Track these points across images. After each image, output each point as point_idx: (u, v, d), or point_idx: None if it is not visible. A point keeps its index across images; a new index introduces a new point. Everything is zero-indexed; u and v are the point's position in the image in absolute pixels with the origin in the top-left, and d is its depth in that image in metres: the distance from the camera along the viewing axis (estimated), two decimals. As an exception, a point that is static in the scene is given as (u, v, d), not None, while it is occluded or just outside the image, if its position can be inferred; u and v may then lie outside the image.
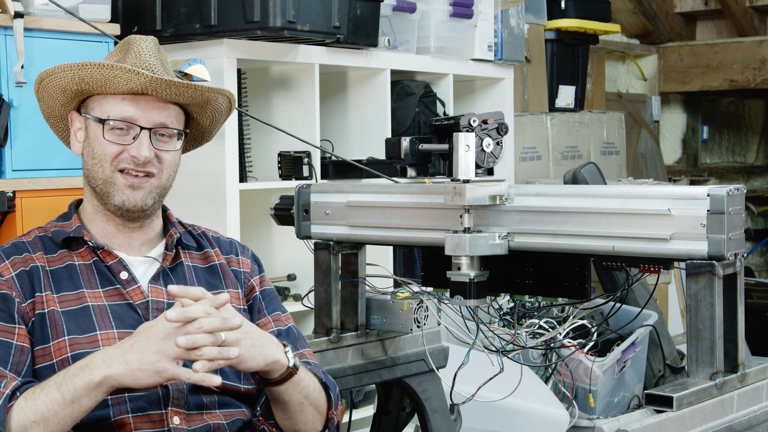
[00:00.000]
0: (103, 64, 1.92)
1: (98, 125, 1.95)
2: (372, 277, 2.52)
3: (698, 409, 1.87)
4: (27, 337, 1.86)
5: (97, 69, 1.92)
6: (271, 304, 2.12)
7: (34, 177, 2.84)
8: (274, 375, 1.86)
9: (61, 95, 2.00)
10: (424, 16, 4.07)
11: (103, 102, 1.96)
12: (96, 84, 1.94)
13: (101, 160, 1.95)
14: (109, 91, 1.95)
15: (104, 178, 1.96)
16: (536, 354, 3.47)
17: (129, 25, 3.42)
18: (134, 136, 1.94)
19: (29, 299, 1.89)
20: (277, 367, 1.85)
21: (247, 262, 2.13)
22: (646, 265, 2.01)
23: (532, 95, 5.19)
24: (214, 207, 3.37)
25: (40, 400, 1.73)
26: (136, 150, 1.94)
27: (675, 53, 6.87)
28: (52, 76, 1.97)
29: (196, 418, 1.90)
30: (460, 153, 2.07)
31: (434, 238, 2.22)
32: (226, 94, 2.05)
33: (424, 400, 2.61)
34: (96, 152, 1.96)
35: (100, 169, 1.96)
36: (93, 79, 1.93)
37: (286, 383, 1.88)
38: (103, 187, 1.96)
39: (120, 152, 1.94)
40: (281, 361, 1.86)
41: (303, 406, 1.93)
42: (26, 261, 1.93)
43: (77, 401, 1.73)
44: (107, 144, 1.94)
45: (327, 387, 2.01)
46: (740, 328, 1.98)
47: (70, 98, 2.00)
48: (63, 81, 1.96)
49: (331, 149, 3.87)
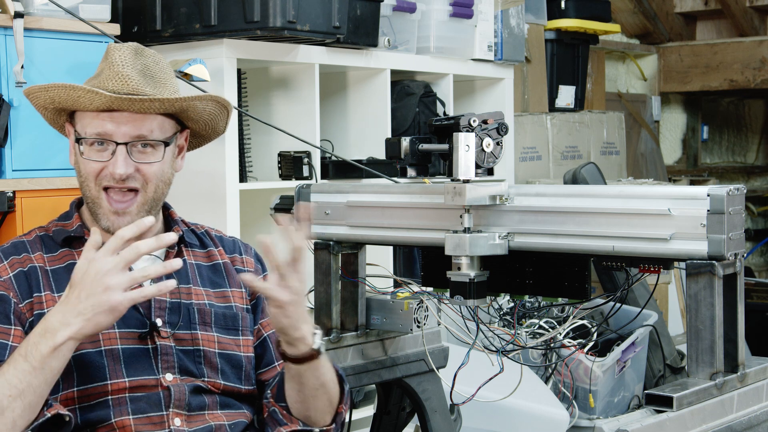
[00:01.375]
0: (66, 86, 1.90)
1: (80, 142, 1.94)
2: (372, 277, 2.52)
3: (698, 409, 1.87)
4: (22, 339, 1.85)
5: (62, 90, 1.91)
6: None
7: (34, 177, 2.84)
8: (296, 352, 1.86)
9: (44, 112, 2.02)
10: (424, 16, 4.07)
11: (83, 118, 1.95)
12: (68, 103, 1.94)
13: (86, 178, 1.94)
14: (82, 108, 1.93)
15: (92, 198, 1.94)
16: (536, 354, 3.48)
17: (129, 25, 3.42)
18: (112, 151, 1.91)
19: (27, 300, 1.88)
20: (302, 346, 1.85)
21: (251, 261, 2.13)
22: (646, 265, 2.01)
23: (532, 95, 5.20)
24: (214, 207, 3.37)
25: (11, 374, 1.72)
26: (112, 167, 1.91)
27: (675, 53, 6.87)
28: (30, 96, 1.98)
29: (198, 419, 1.90)
30: (460, 153, 2.07)
31: (434, 238, 2.22)
32: (204, 98, 2.00)
33: (424, 400, 2.61)
34: (81, 170, 1.95)
35: (87, 188, 1.95)
36: (62, 99, 1.93)
37: (306, 364, 1.88)
38: (92, 206, 1.95)
39: (101, 169, 1.92)
40: (307, 340, 1.85)
41: (317, 392, 1.93)
42: (24, 261, 1.93)
43: (46, 365, 1.72)
44: (87, 162, 1.93)
45: (342, 381, 2.01)
46: (740, 328, 1.98)
47: (55, 115, 2.01)
48: (39, 101, 1.98)
49: (331, 149, 3.87)
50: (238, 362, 1.99)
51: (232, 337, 1.99)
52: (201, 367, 1.93)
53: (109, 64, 1.95)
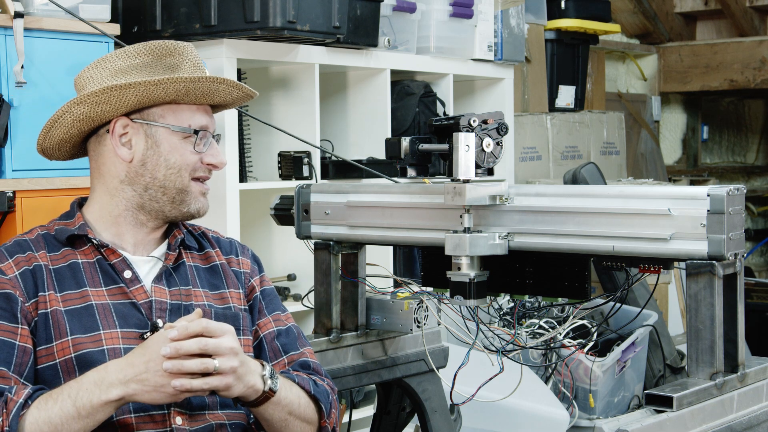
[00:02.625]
0: (214, 78, 1.97)
1: (176, 134, 1.97)
2: (372, 277, 2.52)
3: (698, 409, 1.87)
4: (29, 338, 1.86)
5: (206, 83, 1.96)
6: (271, 304, 2.12)
7: (34, 177, 2.84)
8: (250, 399, 1.86)
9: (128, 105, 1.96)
10: (424, 16, 4.07)
11: (177, 111, 1.98)
12: (195, 95, 1.97)
13: (180, 169, 1.97)
14: (186, 101, 1.98)
15: (181, 187, 1.98)
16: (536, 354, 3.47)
17: (129, 25, 3.42)
18: (205, 143, 2.00)
19: (33, 298, 1.89)
20: (252, 393, 1.85)
21: (247, 262, 2.13)
22: (646, 265, 2.01)
23: (532, 95, 5.20)
24: (214, 207, 3.35)
25: (54, 413, 1.74)
26: (215, 158, 2.00)
27: (675, 53, 6.88)
28: (154, 86, 1.93)
29: (199, 418, 1.90)
30: (460, 153, 2.07)
31: (434, 238, 2.22)
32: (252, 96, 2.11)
33: (424, 400, 2.61)
34: (174, 162, 1.97)
35: (179, 178, 1.98)
36: (199, 91, 1.97)
37: (263, 405, 1.88)
38: (177, 195, 1.98)
39: (198, 161, 1.99)
40: (256, 386, 1.85)
41: (287, 422, 1.93)
42: (30, 259, 1.93)
43: (92, 416, 1.75)
44: (190, 154, 1.98)
45: (317, 399, 1.99)
46: (740, 328, 1.98)
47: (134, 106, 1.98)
48: (160, 91, 1.94)
49: (331, 149, 3.87)
50: (239, 361, 1.99)
51: (233, 338, 1.99)
52: (201, 367, 1.93)
53: (191, 62, 2.02)
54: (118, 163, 1.99)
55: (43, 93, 2.85)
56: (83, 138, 2.03)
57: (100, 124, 1.99)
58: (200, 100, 2.00)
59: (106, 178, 2.00)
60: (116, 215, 2.00)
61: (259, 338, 2.07)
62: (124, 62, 1.99)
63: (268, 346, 2.06)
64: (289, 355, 2.07)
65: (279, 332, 2.08)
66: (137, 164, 1.97)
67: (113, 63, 1.99)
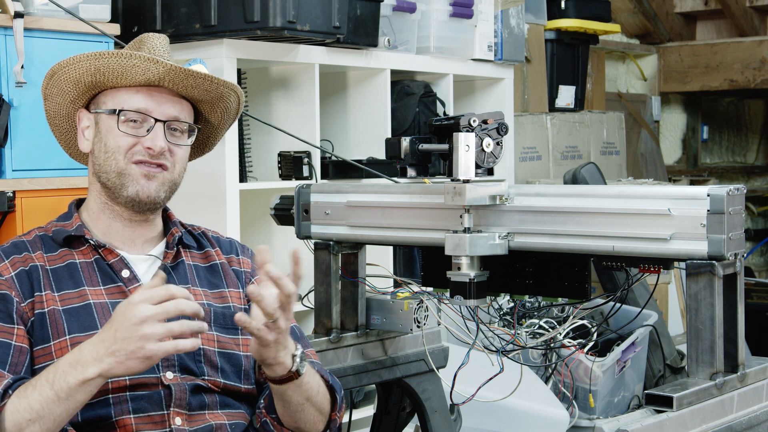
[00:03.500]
0: (121, 53, 1.93)
1: (112, 117, 1.96)
2: (372, 277, 2.52)
3: (698, 409, 1.87)
4: (26, 338, 1.86)
5: (114, 58, 1.92)
6: None
7: (34, 177, 2.84)
8: (276, 374, 1.87)
9: (73, 89, 1.99)
10: (424, 16, 4.07)
11: (116, 95, 1.97)
12: (112, 75, 1.94)
13: (114, 152, 1.96)
14: (124, 83, 1.95)
15: (118, 170, 1.96)
16: (536, 354, 3.47)
17: (129, 25, 3.42)
18: (148, 128, 1.95)
19: (28, 299, 1.89)
20: (280, 369, 1.86)
21: (247, 261, 2.14)
22: (646, 265, 2.01)
23: (532, 95, 5.20)
24: (214, 207, 3.37)
25: (34, 399, 1.73)
26: (151, 141, 1.94)
27: (675, 53, 6.88)
28: (66, 68, 1.96)
29: (199, 419, 1.90)
30: (460, 153, 2.07)
31: (434, 238, 2.22)
32: (237, 91, 2.07)
33: (424, 400, 2.61)
34: (109, 145, 1.96)
35: (114, 161, 1.96)
36: (109, 69, 1.93)
37: (286, 384, 1.88)
38: (116, 179, 1.96)
39: (134, 144, 1.95)
40: (285, 364, 1.86)
41: (304, 407, 1.94)
42: (26, 260, 1.93)
43: (71, 397, 1.72)
44: (121, 136, 1.95)
45: (333, 389, 2.02)
46: (740, 328, 1.98)
47: (82, 93, 2.00)
48: (77, 72, 1.95)
49: (331, 149, 3.87)
50: (238, 361, 1.99)
51: (232, 336, 2.00)
52: (201, 366, 1.93)
53: (150, 48, 1.99)
54: (88, 157, 2.03)
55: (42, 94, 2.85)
56: None
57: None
58: (136, 80, 1.94)
59: (88, 174, 2.04)
60: (96, 211, 2.01)
61: None
62: None
63: None
64: None
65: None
66: (94, 154, 2.00)
67: None
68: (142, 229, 2.02)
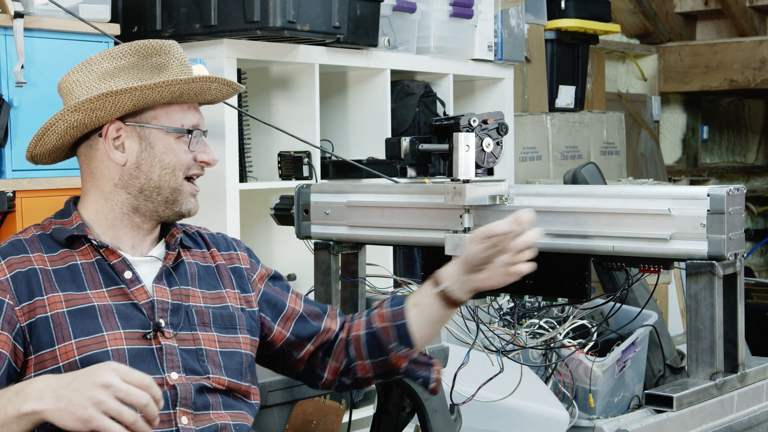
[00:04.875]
0: (207, 78, 1.98)
1: (170, 135, 1.96)
2: (372, 277, 2.52)
3: (698, 409, 1.87)
4: (8, 344, 1.82)
5: (199, 83, 1.97)
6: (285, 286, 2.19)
7: (34, 177, 2.84)
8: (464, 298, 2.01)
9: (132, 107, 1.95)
10: (424, 16, 4.07)
11: (170, 112, 1.98)
12: (187, 96, 1.98)
13: (175, 169, 1.98)
14: (194, 101, 2.01)
15: (174, 187, 1.98)
16: (536, 354, 3.47)
17: (129, 25, 3.42)
18: (198, 141, 2.00)
19: (25, 302, 1.86)
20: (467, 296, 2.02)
21: (245, 257, 2.15)
22: (646, 265, 2.01)
23: (532, 95, 5.19)
24: (214, 207, 3.37)
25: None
26: (208, 155, 2.01)
27: (675, 53, 6.88)
28: (150, 90, 1.92)
29: (204, 418, 1.90)
30: (460, 153, 2.07)
31: (434, 238, 2.22)
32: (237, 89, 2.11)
33: (424, 400, 2.60)
34: (169, 162, 1.97)
35: (173, 178, 1.98)
36: (192, 91, 1.97)
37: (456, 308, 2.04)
38: (170, 195, 1.99)
39: (191, 159, 2.00)
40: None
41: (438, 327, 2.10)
42: (24, 262, 1.90)
43: (7, 426, 1.67)
44: (184, 153, 1.98)
45: None
46: (740, 328, 1.98)
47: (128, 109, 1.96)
48: (155, 95, 1.93)
49: (331, 149, 3.87)
50: (239, 359, 1.99)
51: (231, 336, 2.00)
52: (205, 365, 1.93)
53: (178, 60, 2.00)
54: (111, 167, 1.97)
55: (43, 93, 2.85)
56: (74, 143, 2.02)
57: (92, 130, 1.98)
58: (192, 99, 2.00)
59: (100, 181, 1.99)
60: (112, 218, 1.99)
61: (299, 314, 2.13)
62: (110, 64, 1.98)
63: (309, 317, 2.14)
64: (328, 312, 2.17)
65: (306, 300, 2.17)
66: (131, 167, 1.96)
67: (99, 65, 1.98)
68: (150, 234, 2.03)
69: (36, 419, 1.65)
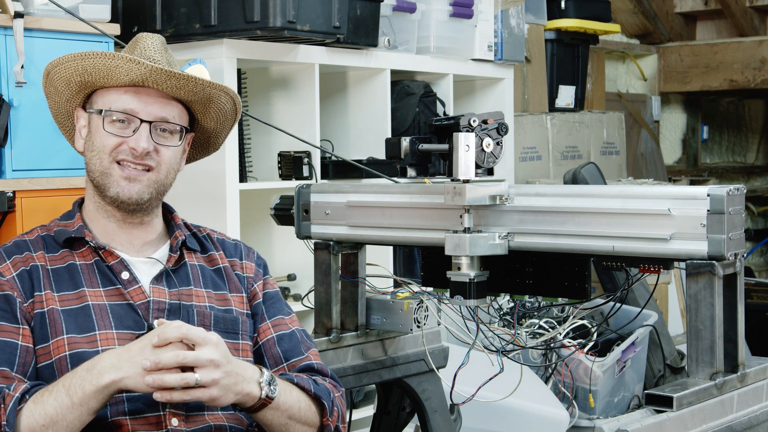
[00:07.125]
0: (105, 53, 1.94)
1: (99, 117, 1.97)
2: (372, 277, 2.52)
3: (698, 409, 1.87)
4: (30, 338, 1.86)
5: (99, 59, 1.93)
6: (273, 308, 2.10)
7: (34, 177, 2.84)
8: (246, 405, 1.85)
9: (66, 89, 2.01)
10: (424, 16, 4.07)
11: (105, 95, 1.98)
12: (98, 75, 1.95)
13: (99, 151, 1.96)
14: (111, 83, 1.96)
15: (101, 170, 1.96)
16: (536, 354, 3.47)
17: (129, 25, 3.42)
18: (134, 128, 1.95)
19: (29, 299, 1.89)
20: (248, 400, 1.84)
21: (251, 266, 2.12)
22: (646, 265, 2.01)
23: (532, 95, 5.20)
24: (214, 207, 3.37)
25: (49, 404, 1.74)
26: (135, 141, 1.94)
27: (675, 53, 6.87)
28: (57, 67, 1.99)
29: (197, 419, 1.89)
30: (460, 153, 2.07)
31: (434, 238, 2.22)
32: (229, 92, 2.05)
33: (424, 400, 2.61)
34: (95, 144, 1.97)
35: (99, 160, 1.97)
36: (95, 69, 1.94)
37: (261, 411, 1.87)
38: (100, 179, 1.97)
39: (119, 144, 1.95)
40: (252, 394, 1.83)
41: (287, 426, 1.92)
42: (27, 260, 1.94)
43: (85, 404, 1.74)
44: (106, 135, 1.95)
45: (318, 398, 1.97)
46: (740, 328, 1.98)
47: (75, 92, 2.01)
48: (67, 72, 1.97)
49: (331, 149, 3.87)
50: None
51: (232, 341, 1.98)
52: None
53: (142, 48, 1.99)
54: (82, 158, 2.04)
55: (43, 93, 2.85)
56: None
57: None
58: (121, 81, 1.95)
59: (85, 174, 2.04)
60: (92, 210, 2.02)
61: (258, 345, 2.06)
62: None
63: (267, 353, 2.05)
64: (290, 362, 2.04)
65: (281, 337, 2.06)
66: (86, 152, 2.01)
67: None
68: (139, 231, 2.02)
69: (114, 389, 1.75)
